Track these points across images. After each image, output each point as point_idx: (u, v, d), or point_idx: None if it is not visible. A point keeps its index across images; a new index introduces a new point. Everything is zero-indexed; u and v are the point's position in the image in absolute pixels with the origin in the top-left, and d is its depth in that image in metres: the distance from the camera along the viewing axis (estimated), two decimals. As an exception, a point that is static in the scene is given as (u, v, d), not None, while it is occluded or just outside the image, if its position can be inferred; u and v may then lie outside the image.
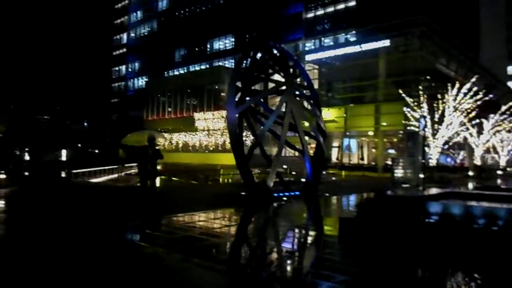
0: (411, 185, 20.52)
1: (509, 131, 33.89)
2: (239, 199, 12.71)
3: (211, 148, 31.79)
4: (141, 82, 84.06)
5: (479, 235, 5.70)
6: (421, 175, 21.29)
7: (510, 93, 43.66)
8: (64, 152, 61.41)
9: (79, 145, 78.08)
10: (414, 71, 30.02)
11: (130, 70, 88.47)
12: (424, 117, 23.07)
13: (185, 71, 69.00)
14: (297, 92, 12.85)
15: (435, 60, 31.66)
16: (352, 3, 54.26)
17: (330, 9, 56.95)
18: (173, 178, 24.93)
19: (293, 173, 21.79)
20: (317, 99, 13.56)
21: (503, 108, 31.88)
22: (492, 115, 30.81)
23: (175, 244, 6.50)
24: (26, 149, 28.50)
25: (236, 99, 12.53)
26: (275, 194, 12.56)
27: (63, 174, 26.62)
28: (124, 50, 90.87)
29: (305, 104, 14.16)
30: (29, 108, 74.57)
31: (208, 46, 71.08)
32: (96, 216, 9.38)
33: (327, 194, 14.16)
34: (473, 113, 25.85)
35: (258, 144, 13.11)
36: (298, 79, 13.62)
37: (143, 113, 54.13)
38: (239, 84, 12.83)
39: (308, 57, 41.58)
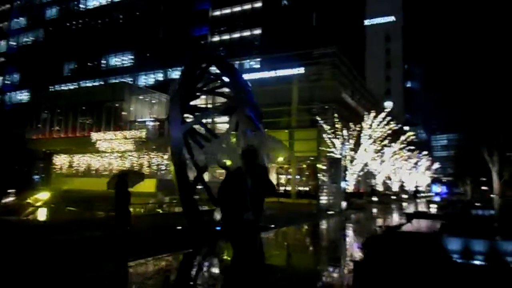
0: (335, 211, 20.51)
1: (405, 160, 37.18)
2: (176, 236, 10.67)
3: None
4: (20, 96, 74.34)
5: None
6: (343, 202, 21.44)
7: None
8: None
9: None
10: (323, 100, 31.11)
11: (8, 82, 77.63)
12: (344, 144, 23.63)
13: (75, 86, 62.96)
14: (247, 111, 11.46)
15: (343, 90, 33.36)
16: (258, 31, 55.82)
17: (236, 35, 57.79)
18: (70, 208, 21.10)
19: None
20: (261, 119, 12.40)
21: (402, 138, 34.93)
22: (392, 144, 33.45)
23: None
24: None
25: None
26: (218, 228, 10.84)
27: None
28: (2, 59, 79.75)
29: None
30: None
31: (103, 61, 66.39)
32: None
33: (273, 226, 12.78)
34: (386, 141, 27.58)
35: (203, 172, 11.32)
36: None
37: (25, 131, 47.05)
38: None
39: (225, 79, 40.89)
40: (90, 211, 20.22)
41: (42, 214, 19.66)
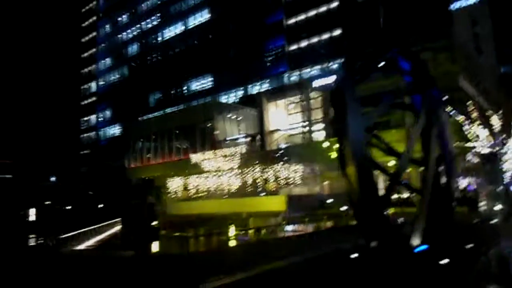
0: (498, 220, 16.45)
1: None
2: (353, 269, 7.93)
3: (231, 192, 26.60)
4: (113, 130, 78.84)
5: None
6: (500, 206, 17.23)
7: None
8: (32, 212, 54.37)
9: (48, 202, 70.75)
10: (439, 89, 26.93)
11: (101, 119, 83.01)
12: (496, 134, 19.41)
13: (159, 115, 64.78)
14: (435, 92, 8.80)
15: (462, 75, 28.78)
16: (337, 32, 52.68)
17: (314, 39, 55.12)
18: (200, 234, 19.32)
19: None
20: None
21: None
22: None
23: None
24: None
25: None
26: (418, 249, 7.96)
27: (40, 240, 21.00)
28: (94, 99, 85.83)
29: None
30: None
31: (185, 87, 67.64)
32: None
33: (470, 246, 9.48)
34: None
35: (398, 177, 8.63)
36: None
37: (124, 161, 48.62)
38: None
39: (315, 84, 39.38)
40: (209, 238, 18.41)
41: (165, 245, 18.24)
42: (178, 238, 17.14)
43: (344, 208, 19.32)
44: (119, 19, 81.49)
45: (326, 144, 27.95)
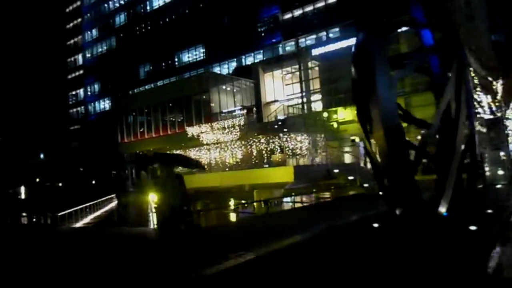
0: (502, 184, 16.48)
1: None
2: (376, 241, 7.60)
3: (232, 165, 26.07)
4: (103, 105, 77.18)
5: None
6: (502, 171, 17.18)
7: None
8: (22, 190, 53.77)
9: (38, 180, 70.07)
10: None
11: (89, 93, 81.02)
12: (496, 99, 19.18)
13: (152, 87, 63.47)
14: (465, 54, 8.33)
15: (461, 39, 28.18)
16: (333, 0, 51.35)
17: (309, 8, 53.81)
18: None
19: (365, 185, 16.96)
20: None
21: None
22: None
23: None
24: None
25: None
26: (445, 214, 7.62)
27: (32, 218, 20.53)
28: (81, 72, 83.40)
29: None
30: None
31: (176, 59, 66.00)
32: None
33: (489, 211, 9.16)
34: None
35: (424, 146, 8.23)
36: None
37: (115, 136, 47.69)
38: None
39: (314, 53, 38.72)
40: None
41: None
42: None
43: (351, 177, 19.19)
44: (105, -14, 78.37)
45: (325, 114, 27.73)
